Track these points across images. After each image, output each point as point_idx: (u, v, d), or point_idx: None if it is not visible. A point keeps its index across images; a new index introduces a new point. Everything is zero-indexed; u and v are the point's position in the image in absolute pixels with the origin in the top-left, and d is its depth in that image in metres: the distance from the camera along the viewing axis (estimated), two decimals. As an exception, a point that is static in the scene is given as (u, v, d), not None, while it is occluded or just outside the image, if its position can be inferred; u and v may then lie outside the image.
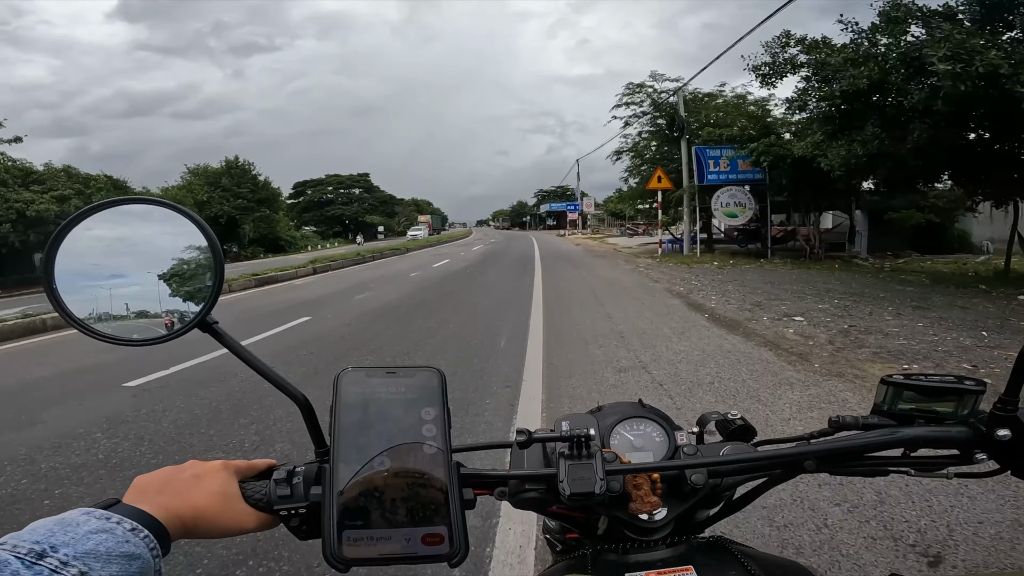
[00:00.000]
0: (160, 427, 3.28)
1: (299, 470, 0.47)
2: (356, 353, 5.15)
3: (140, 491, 0.42)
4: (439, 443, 0.43)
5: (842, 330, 5.10)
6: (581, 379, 3.93)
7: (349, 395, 0.44)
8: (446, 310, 7.43)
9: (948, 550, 1.75)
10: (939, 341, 4.53)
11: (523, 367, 4.28)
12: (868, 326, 5.22)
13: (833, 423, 0.53)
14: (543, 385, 3.80)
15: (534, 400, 3.51)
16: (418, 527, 0.40)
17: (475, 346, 5.12)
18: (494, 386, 3.84)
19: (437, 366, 0.46)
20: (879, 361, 4.06)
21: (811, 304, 6.61)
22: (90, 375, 4.66)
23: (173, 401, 3.74)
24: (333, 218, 66.24)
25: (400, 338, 5.71)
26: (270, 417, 3.27)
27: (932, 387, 0.49)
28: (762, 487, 0.55)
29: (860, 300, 6.72)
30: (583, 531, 0.60)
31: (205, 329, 0.51)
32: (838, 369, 3.88)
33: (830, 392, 3.41)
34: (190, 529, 0.42)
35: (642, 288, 9.09)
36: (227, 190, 36.46)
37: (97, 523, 0.35)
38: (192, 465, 0.46)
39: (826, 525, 1.90)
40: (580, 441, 0.46)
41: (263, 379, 0.52)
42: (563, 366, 4.29)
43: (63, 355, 5.67)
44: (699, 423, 0.63)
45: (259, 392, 3.67)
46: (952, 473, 0.51)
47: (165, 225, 0.51)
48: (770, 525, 1.91)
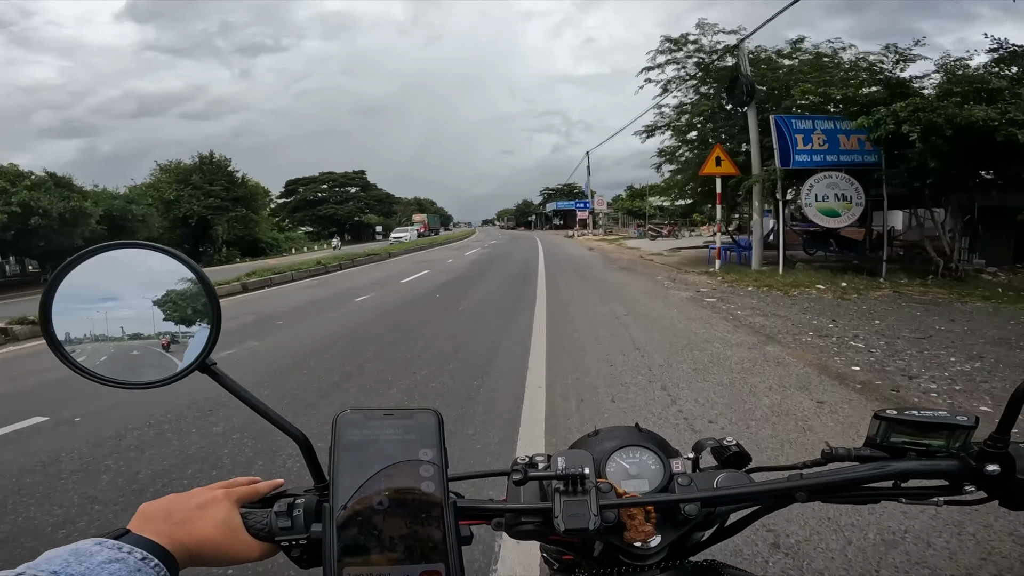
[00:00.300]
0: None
1: (299, 502, 0.48)
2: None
3: (147, 520, 0.43)
4: (436, 482, 0.43)
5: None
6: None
7: (347, 436, 0.45)
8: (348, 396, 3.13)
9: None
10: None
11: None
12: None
13: (826, 454, 0.55)
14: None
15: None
16: (416, 564, 0.41)
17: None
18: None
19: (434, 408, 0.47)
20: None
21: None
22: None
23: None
24: (326, 218, 62.28)
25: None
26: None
27: (924, 422, 0.51)
28: (755, 515, 0.57)
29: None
30: (579, 554, 0.60)
31: (204, 371, 0.52)
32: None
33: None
34: (196, 558, 0.43)
35: (750, 357, 4.42)
36: (198, 188, 33.20)
37: (109, 553, 0.36)
38: (196, 494, 0.46)
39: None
40: (575, 479, 0.47)
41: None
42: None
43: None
44: (695, 449, 0.63)
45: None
46: (941, 502, 0.52)
47: (163, 271, 0.51)
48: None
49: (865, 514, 1.91)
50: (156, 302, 0.53)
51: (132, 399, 3.61)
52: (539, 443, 2.80)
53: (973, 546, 1.75)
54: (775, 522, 1.88)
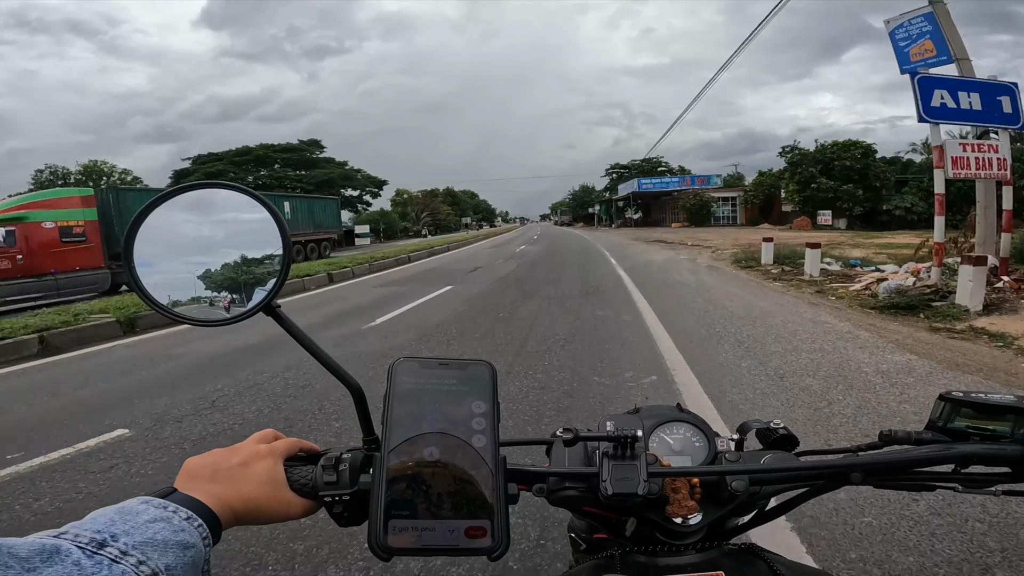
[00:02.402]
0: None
1: (345, 456, 0.48)
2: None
3: (192, 476, 0.43)
4: (488, 437, 0.43)
5: None
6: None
7: (402, 385, 0.44)
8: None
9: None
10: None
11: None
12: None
13: (884, 437, 0.52)
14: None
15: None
16: (462, 520, 0.40)
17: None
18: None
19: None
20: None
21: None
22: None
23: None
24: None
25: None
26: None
27: (990, 405, 0.49)
28: (801, 497, 0.54)
29: None
30: (612, 531, 0.58)
31: (269, 313, 0.52)
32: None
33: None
34: (240, 517, 0.42)
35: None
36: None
37: (155, 512, 0.36)
38: (239, 449, 0.46)
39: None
40: (626, 441, 0.46)
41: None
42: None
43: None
44: (739, 430, 0.60)
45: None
46: (1000, 491, 0.49)
47: (238, 210, 0.53)
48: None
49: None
50: (230, 241, 0.54)
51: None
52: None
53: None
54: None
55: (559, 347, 4.52)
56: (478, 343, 4.93)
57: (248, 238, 0.53)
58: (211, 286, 0.54)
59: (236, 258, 0.54)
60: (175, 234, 0.53)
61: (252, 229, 0.53)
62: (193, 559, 0.35)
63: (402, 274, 12.44)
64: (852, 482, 0.48)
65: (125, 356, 5.26)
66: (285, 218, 0.53)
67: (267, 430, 0.51)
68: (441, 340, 5.18)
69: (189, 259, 0.54)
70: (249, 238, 0.53)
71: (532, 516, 1.93)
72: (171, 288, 0.53)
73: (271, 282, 0.53)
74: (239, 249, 0.54)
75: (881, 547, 1.72)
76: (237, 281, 0.54)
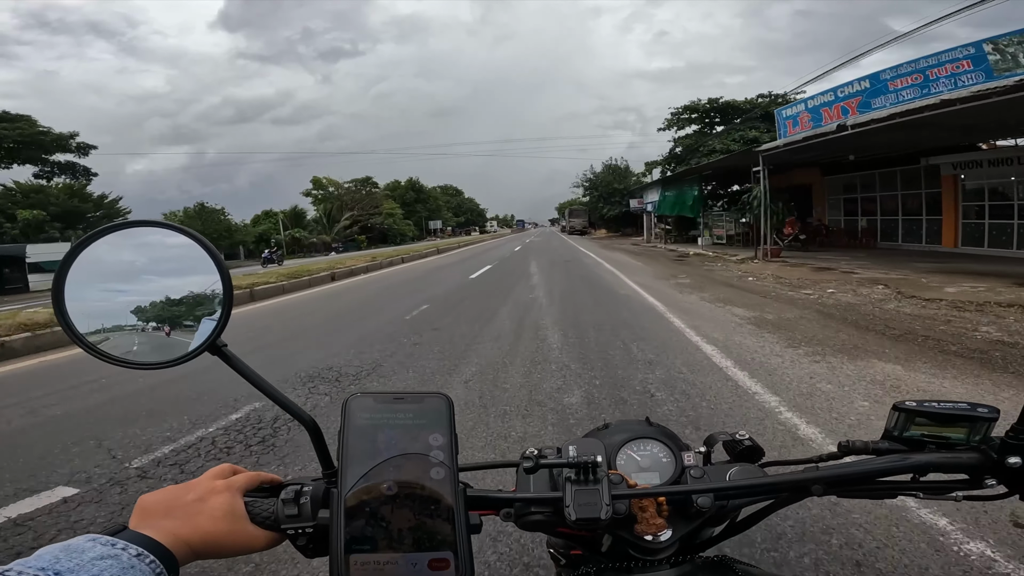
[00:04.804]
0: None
1: (306, 489, 0.47)
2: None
3: (146, 514, 0.42)
4: (446, 468, 0.43)
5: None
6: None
7: (357, 420, 0.44)
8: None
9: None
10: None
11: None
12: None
13: (843, 447, 0.53)
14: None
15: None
16: (424, 552, 0.41)
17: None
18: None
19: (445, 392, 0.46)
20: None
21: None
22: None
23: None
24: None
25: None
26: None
27: (944, 414, 0.49)
28: (768, 509, 0.55)
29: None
30: (587, 548, 0.59)
31: (215, 352, 0.51)
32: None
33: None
34: (198, 552, 0.42)
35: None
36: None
37: (103, 549, 0.36)
38: (195, 486, 0.46)
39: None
40: (587, 467, 0.46)
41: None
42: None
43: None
44: (707, 443, 0.61)
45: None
46: (960, 496, 0.50)
47: (171, 248, 0.51)
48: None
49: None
50: (164, 282, 0.52)
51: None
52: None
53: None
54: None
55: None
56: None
57: (184, 278, 0.52)
58: (149, 326, 0.53)
59: (174, 297, 0.52)
60: (107, 275, 0.51)
61: (188, 268, 0.51)
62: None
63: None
64: (815, 494, 0.49)
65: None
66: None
67: (224, 465, 0.50)
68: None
69: (123, 299, 0.52)
70: (185, 278, 0.52)
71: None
72: (107, 332, 0.51)
73: (212, 322, 0.51)
74: (175, 289, 0.52)
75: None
76: (177, 322, 0.53)
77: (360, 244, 44.81)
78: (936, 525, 1.77)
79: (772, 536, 1.74)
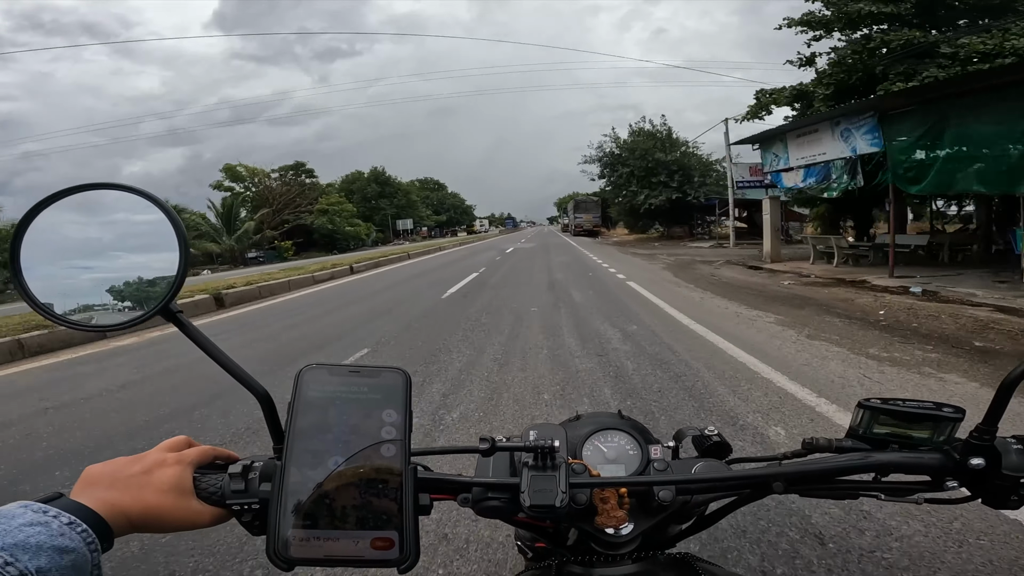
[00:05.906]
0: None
1: (256, 465, 0.46)
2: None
3: (89, 484, 0.42)
4: (397, 447, 0.42)
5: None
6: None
7: (308, 393, 0.43)
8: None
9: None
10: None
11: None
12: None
13: (806, 445, 0.53)
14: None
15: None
16: (368, 531, 0.40)
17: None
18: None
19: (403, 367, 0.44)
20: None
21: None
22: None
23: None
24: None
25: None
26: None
27: (909, 412, 0.48)
28: (732, 505, 0.55)
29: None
30: (551, 541, 0.59)
31: (168, 317, 0.49)
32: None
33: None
34: (137, 525, 0.42)
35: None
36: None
37: (33, 516, 0.35)
38: (143, 458, 0.45)
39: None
40: (544, 452, 0.45)
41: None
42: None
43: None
44: (675, 438, 0.60)
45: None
46: (922, 499, 0.49)
47: (133, 212, 0.50)
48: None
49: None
50: (122, 244, 0.50)
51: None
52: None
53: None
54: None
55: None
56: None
57: (142, 240, 0.51)
58: (106, 291, 0.51)
59: (130, 261, 0.51)
60: (64, 238, 0.50)
61: (146, 231, 0.50)
62: (74, 563, 0.35)
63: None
64: (776, 491, 0.48)
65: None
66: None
67: (179, 437, 0.49)
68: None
69: (80, 263, 0.51)
70: (143, 240, 0.50)
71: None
72: (61, 294, 0.50)
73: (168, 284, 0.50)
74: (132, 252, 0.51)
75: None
76: (132, 285, 0.52)
77: (284, 253, 34.91)
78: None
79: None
